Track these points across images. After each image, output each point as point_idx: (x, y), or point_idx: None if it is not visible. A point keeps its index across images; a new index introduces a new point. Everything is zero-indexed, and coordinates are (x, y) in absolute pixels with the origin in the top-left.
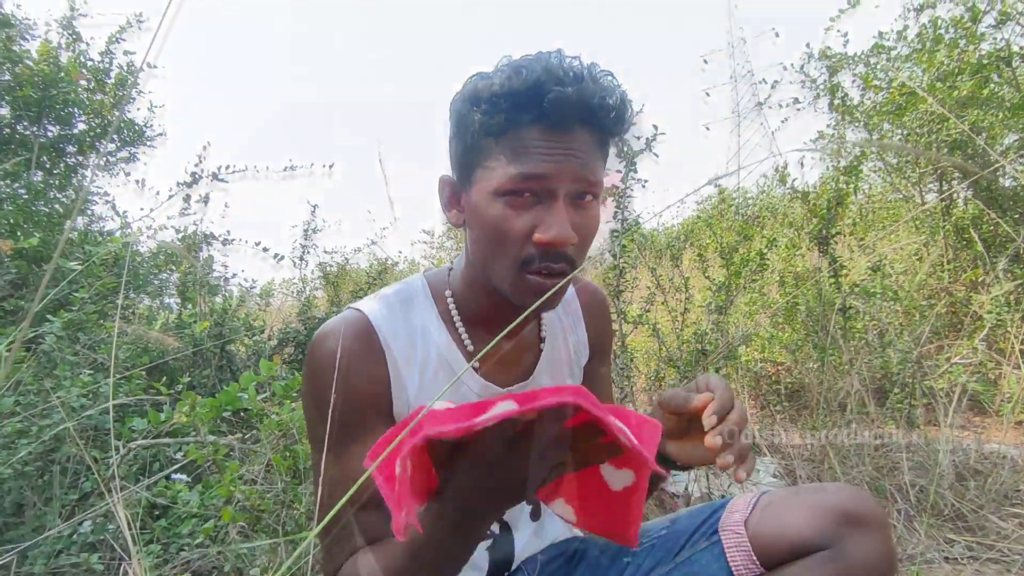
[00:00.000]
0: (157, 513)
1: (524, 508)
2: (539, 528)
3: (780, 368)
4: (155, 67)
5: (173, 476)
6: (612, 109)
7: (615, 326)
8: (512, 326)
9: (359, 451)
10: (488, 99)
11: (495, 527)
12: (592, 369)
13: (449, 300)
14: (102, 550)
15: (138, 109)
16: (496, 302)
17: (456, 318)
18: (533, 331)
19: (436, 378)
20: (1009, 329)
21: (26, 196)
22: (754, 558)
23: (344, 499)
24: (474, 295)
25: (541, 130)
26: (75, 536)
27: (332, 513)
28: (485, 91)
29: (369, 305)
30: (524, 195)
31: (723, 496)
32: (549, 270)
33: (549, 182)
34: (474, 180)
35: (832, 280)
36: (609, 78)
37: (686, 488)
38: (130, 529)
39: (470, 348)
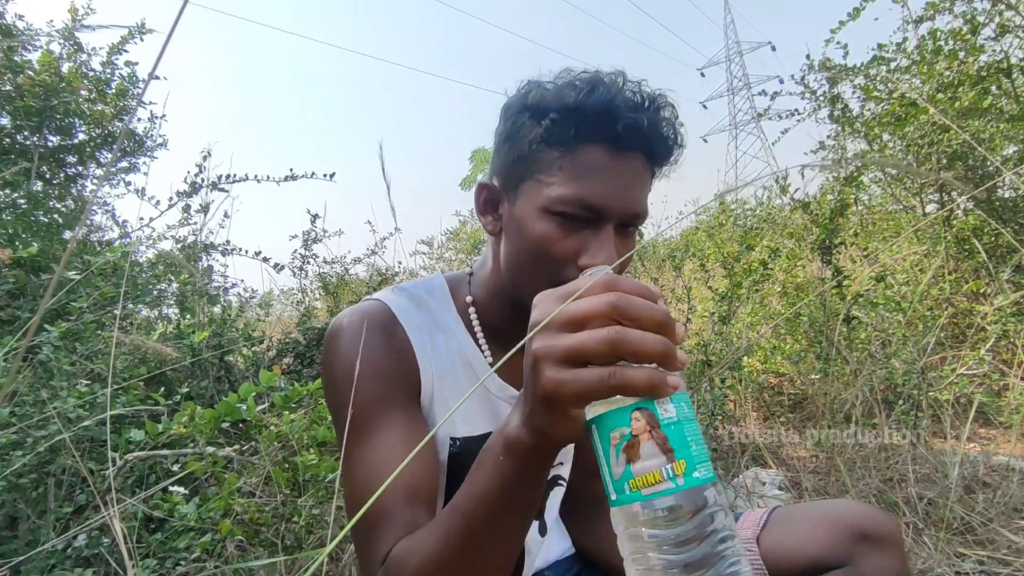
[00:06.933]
0: (153, 526)
1: (532, 526)
2: (546, 544)
3: (783, 379)
4: (160, 78)
5: (170, 488)
6: (673, 141)
7: None
8: (532, 334)
9: (393, 432)
10: (559, 110)
11: None
12: None
13: (470, 307)
14: (97, 565)
15: (139, 120)
16: (519, 315)
17: (476, 325)
18: None
19: (455, 374)
20: (1014, 340)
21: (25, 205)
22: None
23: (388, 481)
24: (498, 305)
25: (607, 152)
26: (69, 550)
27: (373, 498)
28: (555, 102)
29: (388, 296)
30: (575, 218)
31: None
32: None
33: (606, 209)
34: (521, 192)
35: (835, 290)
36: (672, 109)
37: None
38: (126, 543)
39: (487, 354)
